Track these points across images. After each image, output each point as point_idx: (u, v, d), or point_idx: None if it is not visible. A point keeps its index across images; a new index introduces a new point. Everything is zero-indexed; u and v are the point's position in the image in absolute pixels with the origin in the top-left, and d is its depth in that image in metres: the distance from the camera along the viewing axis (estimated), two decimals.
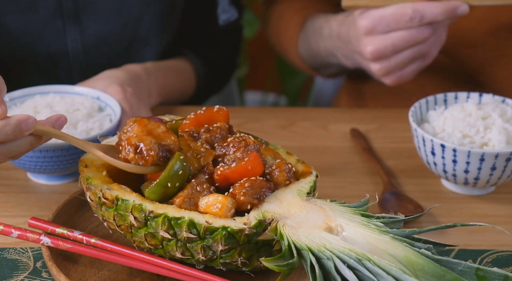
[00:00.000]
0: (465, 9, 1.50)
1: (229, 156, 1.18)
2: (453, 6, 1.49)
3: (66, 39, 1.66)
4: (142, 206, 1.12)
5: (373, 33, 1.52)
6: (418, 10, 1.48)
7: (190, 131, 1.24)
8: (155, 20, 1.71)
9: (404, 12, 1.49)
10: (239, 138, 1.19)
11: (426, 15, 1.48)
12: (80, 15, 1.65)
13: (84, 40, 1.67)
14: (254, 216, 1.11)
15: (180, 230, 1.11)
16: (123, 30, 1.69)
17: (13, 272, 1.22)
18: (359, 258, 1.03)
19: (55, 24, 1.65)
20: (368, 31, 1.52)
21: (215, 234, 1.10)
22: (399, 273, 1.01)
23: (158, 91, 1.67)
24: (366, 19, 1.51)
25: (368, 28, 1.51)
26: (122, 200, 1.14)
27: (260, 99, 3.26)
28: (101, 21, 1.66)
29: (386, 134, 1.64)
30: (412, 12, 1.48)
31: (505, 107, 1.45)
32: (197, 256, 1.12)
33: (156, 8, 1.69)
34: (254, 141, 1.20)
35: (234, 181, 1.15)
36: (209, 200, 1.12)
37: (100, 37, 1.68)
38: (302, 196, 1.15)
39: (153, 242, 1.14)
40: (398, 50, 1.52)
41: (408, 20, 1.48)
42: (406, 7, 1.49)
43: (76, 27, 1.66)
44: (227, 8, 1.73)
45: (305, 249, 1.05)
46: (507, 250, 1.30)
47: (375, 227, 1.07)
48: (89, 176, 1.18)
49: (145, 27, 1.70)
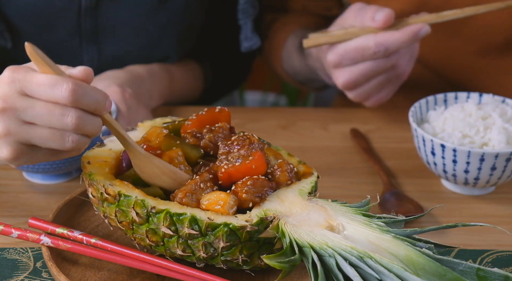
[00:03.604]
0: (427, 30, 1.48)
1: (233, 154, 1.19)
2: (414, 31, 1.47)
3: (83, 58, 1.66)
4: (145, 201, 1.13)
5: (340, 66, 1.52)
6: (380, 43, 1.47)
7: (192, 132, 1.24)
8: (172, 41, 1.70)
9: (366, 46, 1.48)
10: (244, 137, 1.20)
11: (389, 47, 1.47)
12: (98, 36, 1.63)
13: (100, 59, 1.66)
14: (256, 214, 1.11)
15: (181, 226, 1.11)
16: (140, 51, 1.68)
17: (13, 272, 1.22)
18: (361, 256, 1.03)
19: (72, 43, 1.64)
20: (335, 65, 1.52)
21: (216, 231, 1.10)
22: (401, 271, 1.01)
23: (161, 93, 1.67)
24: (333, 54, 1.51)
25: (335, 62, 1.51)
26: (124, 196, 1.14)
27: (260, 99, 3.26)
28: (119, 43, 1.66)
29: (386, 134, 1.64)
30: (374, 45, 1.47)
31: (505, 107, 1.45)
32: (198, 253, 1.12)
33: (174, 30, 1.68)
34: (258, 140, 1.21)
35: (237, 179, 1.16)
36: (211, 197, 1.13)
37: (117, 57, 1.66)
38: (303, 195, 1.15)
39: (154, 239, 1.14)
40: (369, 78, 1.52)
41: (372, 53, 1.48)
42: (368, 41, 1.48)
43: (94, 47, 1.64)
44: (250, 35, 1.72)
45: (306, 247, 1.05)
46: (507, 250, 1.30)
47: (376, 226, 1.08)
48: (91, 172, 1.18)
49: (163, 48, 1.70)
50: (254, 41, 1.72)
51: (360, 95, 1.56)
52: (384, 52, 1.48)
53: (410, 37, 1.47)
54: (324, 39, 1.53)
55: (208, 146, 1.23)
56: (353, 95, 1.56)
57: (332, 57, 1.52)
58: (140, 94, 1.58)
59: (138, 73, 1.61)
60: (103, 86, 1.51)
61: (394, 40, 1.47)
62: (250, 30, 1.71)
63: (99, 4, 1.59)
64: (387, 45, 1.47)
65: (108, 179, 1.17)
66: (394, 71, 1.53)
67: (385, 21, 1.48)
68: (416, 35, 1.48)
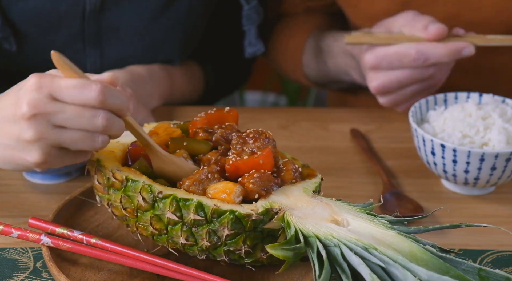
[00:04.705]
0: (471, 51, 1.48)
1: (248, 145, 1.20)
2: (458, 48, 1.47)
3: (86, 61, 1.65)
4: (152, 187, 1.14)
5: (377, 69, 1.51)
6: (421, 52, 1.47)
7: (204, 127, 1.25)
8: (176, 45, 1.70)
9: (407, 53, 1.47)
10: (260, 131, 1.21)
11: (430, 57, 1.47)
12: (101, 39, 1.63)
13: (103, 62, 1.66)
14: (262, 205, 1.12)
15: (187, 212, 1.12)
16: (144, 54, 1.68)
17: (13, 272, 1.22)
18: (366, 247, 1.04)
19: (75, 46, 1.63)
20: (372, 67, 1.51)
21: (222, 218, 1.10)
22: (406, 262, 1.01)
23: (161, 93, 1.67)
24: (372, 55, 1.51)
25: (372, 64, 1.51)
26: (132, 181, 1.15)
27: (260, 99, 3.26)
28: (122, 46, 1.65)
29: (386, 134, 1.64)
30: (415, 53, 1.47)
31: (505, 107, 1.45)
32: (201, 242, 1.13)
33: (178, 34, 1.68)
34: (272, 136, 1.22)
35: (244, 173, 1.17)
36: (218, 186, 1.14)
37: (120, 61, 1.66)
38: (308, 193, 1.16)
39: (157, 226, 1.14)
40: (404, 85, 1.52)
41: (412, 60, 1.47)
42: (410, 48, 1.47)
43: (97, 50, 1.64)
44: (254, 41, 1.72)
45: (312, 236, 1.07)
46: (507, 250, 1.30)
47: (380, 223, 1.08)
48: (99, 158, 1.19)
49: (166, 52, 1.70)
50: (258, 47, 1.72)
51: (392, 102, 1.56)
52: (423, 62, 1.47)
53: (452, 53, 1.47)
54: (367, 39, 1.53)
55: (219, 141, 1.24)
56: (385, 100, 1.56)
57: (370, 58, 1.51)
58: (140, 94, 1.58)
59: (138, 73, 1.61)
60: None
61: (436, 52, 1.47)
62: (254, 36, 1.71)
63: (103, 7, 1.59)
64: (428, 55, 1.47)
65: (116, 166, 1.18)
66: (429, 81, 1.52)
67: (437, 34, 1.47)
68: (459, 53, 1.47)
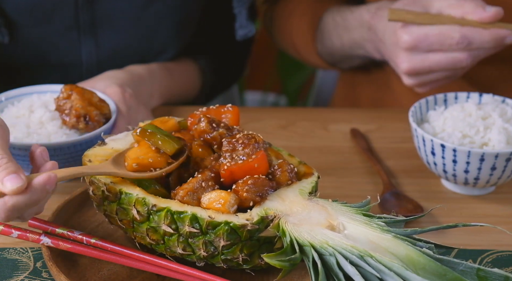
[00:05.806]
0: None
1: (237, 152, 1.19)
2: (501, 35, 1.46)
3: (81, 51, 1.66)
4: (146, 199, 1.13)
5: (413, 51, 1.48)
6: (466, 35, 1.45)
7: (211, 117, 1.24)
8: (170, 32, 1.70)
9: (451, 35, 1.45)
10: (249, 135, 1.20)
11: (473, 42, 1.45)
12: (96, 28, 1.64)
13: (99, 52, 1.66)
14: (257, 213, 1.12)
15: (182, 225, 1.11)
16: (139, 42, 1.68)
17: (13, 272, 1.22)
18: (361, 255, 1.04)
19: (70, 36, 1.64)
20: (409, 47, 1.48)
21: (217, 229, 1.10)
22: (401, 270, 1.01)
23: (161, 93, 1.67)
24: (409, 35, 1.48)
25: (410, 44, 1.48)
26: (125, 194, 1.14)
27: (260, 99, 3.26)
28: (117, 34, 1.66)
29: (386, 134, 1.64)
30: (460, 36, 1.45)
31: (505, 107, 1.45)
32: (198, 252, 1.12)
33: (172, 21, 1.69)
34: (263, 140, 1.21)
35: (239, 178, 1.16)
36: (212, 196, 1.13)
37: (115, 50, 1.67)
38: (304, 195, 1.15)
39: (154, 237, 1.14)
40: (434, 71, 1.50)
41: (454, 43, 1.45)
42: (454, 31, 1.45)
43: (92, 40, 1.65)
44: (245, 23, 1.73)
45: (307, 245, 1.06)
46: (507, 250, 1.30)
47: (376, 226, 1.08)
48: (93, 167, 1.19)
49: (160, 40, 1.70)
50: (249, 29, 1.72)
51: (417, 83, 1.53)
52: (465, 46, 1.45)
53: (495, 40, 1.46)
54: (410, 16, 1.48)
55: (216, 140, 1.23)
56: (410, 81, 1.53)
57: (408, 37, 1.48)
58: (140, 94, 1.58)
59: (138, 73, 1.61)
60: (103, 86, 1.51)
61: (480, 37, 1.45)
62: (245, 18, 1.72)
63: None
64: (472, 39, 1.45)
65: (109, 177, 1.17)
66: (458, 70, 1.51)
67: (495, 16, 1.45)
68: (502, 40, 1.46)
